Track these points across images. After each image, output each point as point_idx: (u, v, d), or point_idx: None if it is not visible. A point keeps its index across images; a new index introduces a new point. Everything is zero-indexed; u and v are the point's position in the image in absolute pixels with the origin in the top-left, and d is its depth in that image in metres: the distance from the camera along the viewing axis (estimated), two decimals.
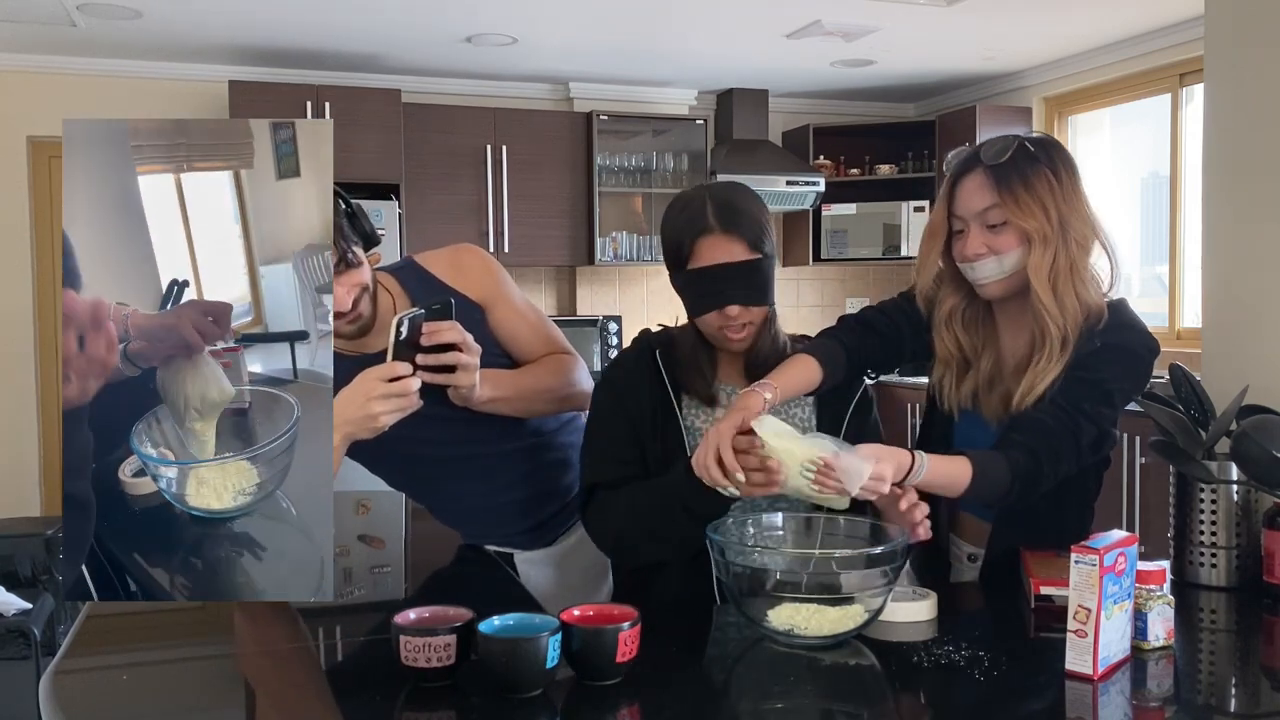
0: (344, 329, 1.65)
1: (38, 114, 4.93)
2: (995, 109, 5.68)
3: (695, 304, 1.59)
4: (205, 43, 4.79)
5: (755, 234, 1.56)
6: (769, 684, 1.32)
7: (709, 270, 1.55)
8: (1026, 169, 1.53)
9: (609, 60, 5.27)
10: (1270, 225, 1.92)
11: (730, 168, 5.49)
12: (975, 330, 1.66)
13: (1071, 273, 1.55)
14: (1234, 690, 1.36)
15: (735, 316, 1.57)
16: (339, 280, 1.59)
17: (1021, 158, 1.54)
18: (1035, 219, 1.52)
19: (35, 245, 5.07)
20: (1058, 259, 1.54)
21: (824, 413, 1.68)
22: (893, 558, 1.35)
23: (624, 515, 1.59)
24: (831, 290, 6.34)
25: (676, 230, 1.59)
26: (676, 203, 1.62)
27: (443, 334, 1.54)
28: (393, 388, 1.49)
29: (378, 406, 1.48)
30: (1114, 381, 1.56)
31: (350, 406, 1.49)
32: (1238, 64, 1.99)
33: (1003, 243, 1.55)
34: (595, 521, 1.63)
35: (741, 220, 1.55)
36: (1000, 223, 1.55)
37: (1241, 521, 1.67)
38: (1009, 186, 1.53)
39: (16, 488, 4.94)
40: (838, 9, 4.41)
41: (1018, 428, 1.54)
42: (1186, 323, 4.90)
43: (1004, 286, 1.58)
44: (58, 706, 1.24)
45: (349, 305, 1.62)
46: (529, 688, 1.19)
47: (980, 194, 1.56)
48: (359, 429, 1.50)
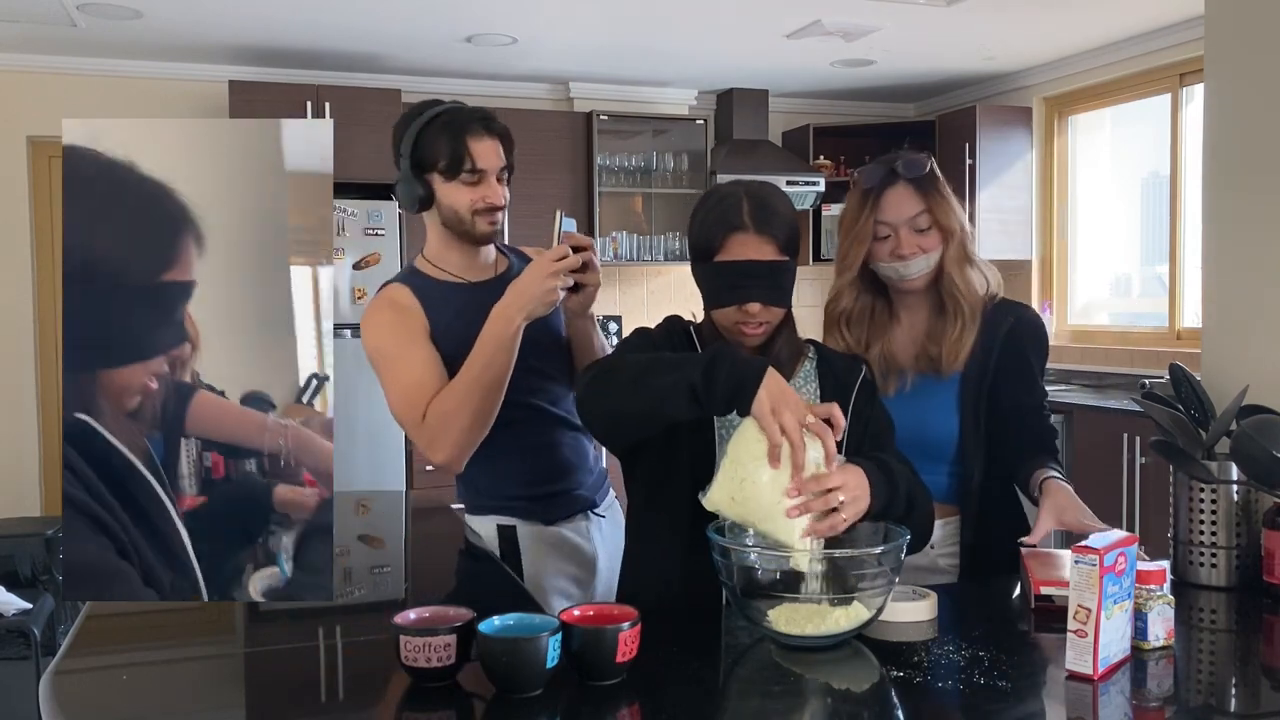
0: (483, 228, 1.94)
1: (38, 114, 4.93)
2: (995, 109, 5.68)
3: (717, 296, 1.61)
4: (205, 43, 4.79)
5: (786, 236, 1.59)
6: (769, 684, 1.32)
7: (736, 265, 1.57)
8: (936, 179, 1.85)
9: (609, 60, 5.27)
10: (1270, 225, 1.92)
11: (730, 168, 5.49)
12: (862, 328, 1.91)
13: (969, 259, 1.87)
14: (1234, 690, 1.36)
15: (755, 314, 1.59)
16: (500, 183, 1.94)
17: (931, 171, 1.85)
18: (952, 219, 1.84)
19: (35, 245, 5.07)
20: (963, 249, 1.86)
21: (829, 398, 1.67)
22: (893, 558, 1.36)
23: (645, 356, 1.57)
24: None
25: (709, 222, 1.60)
26: (711, 196, 1.64)
27: (582, 239, 1.84)
28: (564, 265, 1.78)
29: (552, 281, 1.77)
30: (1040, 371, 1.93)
31: (532, 284, 1.78)
32: (1238, 64, 1.99)
33: (929, 242, 1.83)
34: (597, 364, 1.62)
35: (775, 221, 1.58)
36: (927, 226, 1.83)
37: (1241, 521, 1.67)
38: (932, 195, 1.83)
39: (16, 488, 4.94)
40: (838, 9, 4.41)
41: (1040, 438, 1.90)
42: (1186, 323, 4.90)
43: (925, 279, 1.86)
44: (58, 706, 1.24)
45: (502, 201, 1.93)
46: (529, 688, 1.19)
47: (908, 203, 1.83)
48: (538, 304, 1.79)
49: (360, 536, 2.24)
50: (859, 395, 1.67)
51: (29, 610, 3.51)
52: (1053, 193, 5.67)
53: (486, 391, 1.82)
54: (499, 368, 1.81)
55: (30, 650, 3.37)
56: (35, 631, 3.40)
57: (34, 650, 3.37)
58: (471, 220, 1.91)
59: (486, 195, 1.91)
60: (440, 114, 1.90)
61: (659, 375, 1.46)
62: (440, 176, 1.89)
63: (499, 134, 1.93)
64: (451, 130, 1.88)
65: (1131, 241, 5.51)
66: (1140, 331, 5.23)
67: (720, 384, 1.40)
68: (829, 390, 1.68)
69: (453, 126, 1.88)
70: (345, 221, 4.80)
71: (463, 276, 1.98)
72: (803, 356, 1.70)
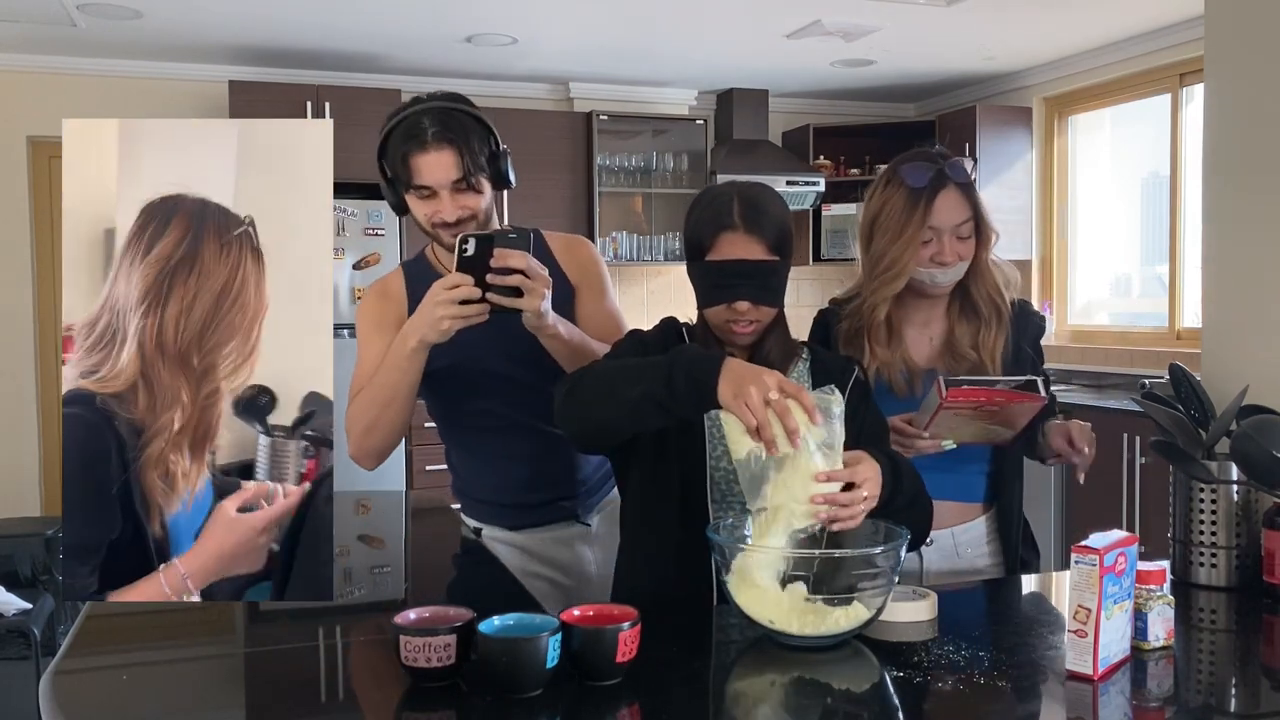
0: (447, 239, 1.81)
1: (38, 114, 4.93)
2: (995, 109, 5.68)
3: (707, 295, 1.62)
4: (205, 43, 4.79)
5: (776, 236, 1.59)
6: (768, 684, 1.32)
7: (725, 265, 1.57)
8: (974, 185, 1.82)
9: (609, 60, 5.27)
10: (1270, 225, 1.91)
11: (730, 168, 5.49)
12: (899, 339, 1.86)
13: (994, 260, 1.87)
14: (1234, 690, 1.36)
15: (744, 313, 1.59)
16: (453, 196, 1.80)
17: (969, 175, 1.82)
18: (989, 224, 1.82)
19: (35, 245, 5.07)
20: (989, 250, 1.85)
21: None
22: (893, 558, 1.35)
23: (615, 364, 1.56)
24: (831, 290, 6.26)
25: (701, 221, 1.61)
26: (704, 196, 1.65)
27: (509, 259, 1.65)
28: (453, 294, 1.64)
29: (440, 311, 1.65)
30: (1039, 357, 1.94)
31: (421, 311, 1.69)
32: (1238, 64, 1.99)
33: (967, 249, 1.80)
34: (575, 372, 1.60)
35: (764, 221, 1.58)
36: (969, 234, 1.80)
37: (1241, 521, 1.67)
38: (976, 201, 1.80)
39: (16, 488, 4.94)
40: (838, 9, 4.41)
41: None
42: (1186, 323, 4.90)
43: (953, 285, 1.84)
44: (58, 706, 1.24)
45: (453, 218, 1.80)
46: (529, 688, 1.19)
47: (958, 209, 1.78)
48: (429, 331, 1.68)
49: (360, 536, 2.23)
50: (852, 395, 1.67)
51: (29, 610, 3.51)
52: (1053, 193, 5.67)
53: (381, 406, 1.79)
54: (392, 386, 1.77)
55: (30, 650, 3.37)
56: (35, 631, 3.40)
57: (34, 650, 3.37)
58: (434, 232, 1.86)
59: (438, 210, 1.81)
60: (398, 123, 1.81)
61: (626, 387, 1.47)
62: (401, 187, 1.84)
63: (454, 143, 1.78)
64: (400, 144, 1.80)
65: (1131, 241, 5.50)
66: (1140, 331, 5.23)
67: (681, 391, 1.41)
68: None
69: (403, 139, 1.80)
70: (345, 221, 4.80)
71: None
72: (795, 357, 1.70)
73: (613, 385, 1.49)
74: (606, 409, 1.50)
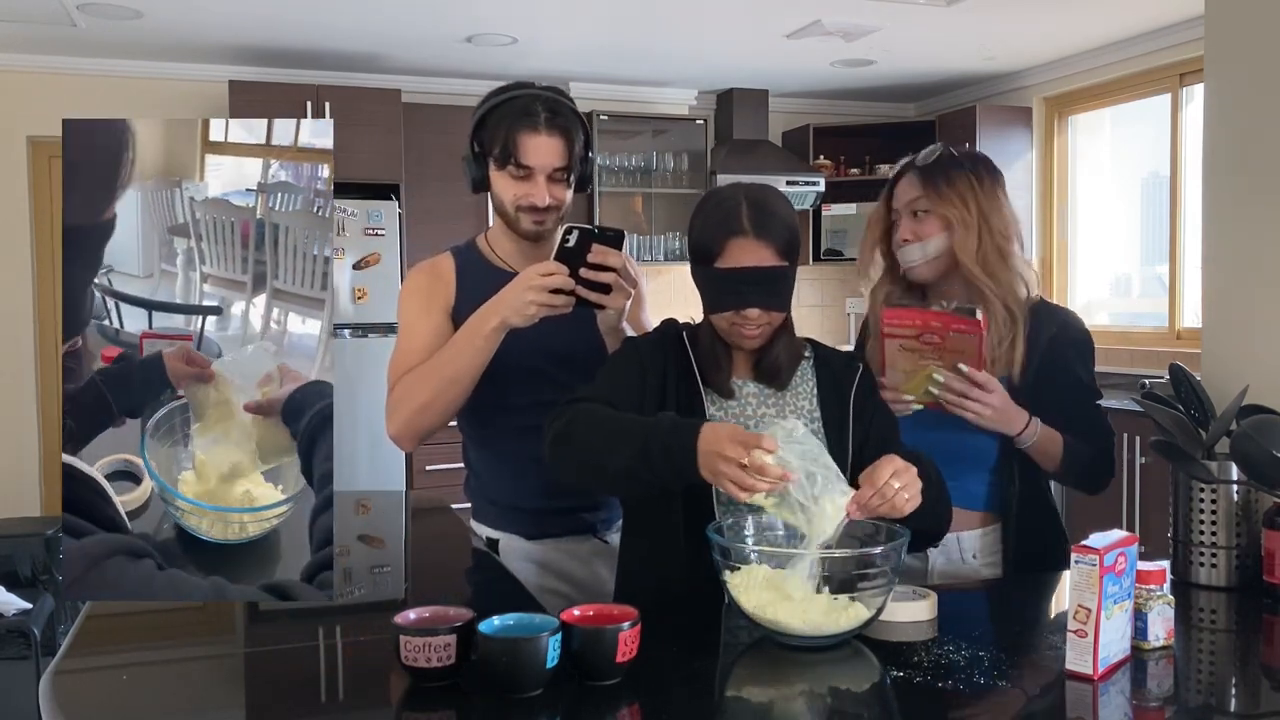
0: (526, 225, 1.87)
1: (38, 114, 4.92)
2: (995, 109, 5.68)
3: (715, 302, 1.60)
4: (205, 43, 4.79)
5: (785, 241, 1.57)
6: (769, 684, 1.32)
7: (735, 272, 1.56)
8: (950, 169, 1.82)
9: (609, 60, 5.27)
10: (1270, 225, 1.91)
11: (730, 168, 5.49)
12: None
13: (1002, 257, 1.80)
14: (1234, 690, 1.36)
15: (753, 319, 1.58)
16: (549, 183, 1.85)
17: (947, 161, 1.83)
18: (955, 207, 1.79)
19: (35, 245, 5.07)
20: (983, 243, 1.79)
21: (827, 397, 1.67)
22: (893, 557, 1.35)
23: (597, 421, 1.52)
24: (831, 290, 6.33)
25: (708, 227, 1.59)
26: (710, 199, 1.63)
27: (608, 257, 1.70)
28: (547, 281, 1.68)
29: (530, 295, 1.69)
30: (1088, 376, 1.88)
31: (511, 292, 1.72)
32: (1238, 64, 1.99)
33: (926, 229, 1.81)
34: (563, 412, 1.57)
35: (774, 226, 1.56)
36: (924, 211, 1.81)
37: (1241, 521, 1.67)
38: (932, 182, 1.81)
39: (16, 488, 4.93)
40: (838, 9, 4.41)
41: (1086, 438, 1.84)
42: (1186, 323, 4.90)
43: (930, 269, 1.83)
44: (58, 706, 1.24)
45: (543, 204, 1.85)
46: (529, 688, 1.19)
47: (910, 189, 1.84)
48: (514, 314, 1.71)
49: (360, 536, 2.23)
50: (857, 393, 1.67)
51: (29, 610, 3.51)
52: (1053, 193, 5.67)
53: (444, 384, 1.79)
54: (462, 365, 1.78)
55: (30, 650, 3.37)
56: (35, 631, 3.40)
57: (34, 650, 3.37)
58: (515, 215, 1.87)
59: (530, 193, 1.84)
60: (507, 100, 1.85)
61: (612, 455, 1.47)
62: (494, 163, 1.86)
63: (562, 131, 1.84)
64: (509, 120, 1.82)
65: (1131, 241, 5.50)
66: (1140, 331, 5.23)
67: (661, 472, 1.43)
68: (826, 388, 1.68)
69: (510, 117, 1.83)
70: (345, 221, 4.80)
71: (511, 265, 1.93)
72: (800, 357, 1.70)
73: (597, 456, 1.50)
74: (596, 479, 1.58)
